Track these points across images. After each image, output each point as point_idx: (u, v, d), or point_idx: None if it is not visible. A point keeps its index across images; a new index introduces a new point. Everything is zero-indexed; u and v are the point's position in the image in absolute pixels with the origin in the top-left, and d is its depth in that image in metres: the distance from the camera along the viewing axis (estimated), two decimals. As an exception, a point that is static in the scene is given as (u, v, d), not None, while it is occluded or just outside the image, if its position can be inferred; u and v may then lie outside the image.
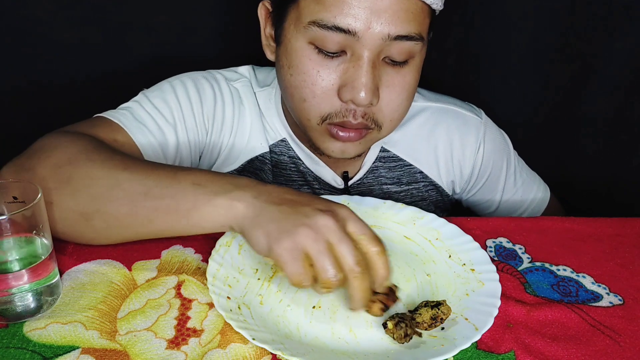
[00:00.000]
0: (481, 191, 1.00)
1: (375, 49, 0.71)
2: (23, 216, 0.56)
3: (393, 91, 0.75)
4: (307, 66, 0.74)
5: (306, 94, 0.75)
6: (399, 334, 0.58)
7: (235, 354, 0.57)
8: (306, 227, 0.56)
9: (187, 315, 0.61)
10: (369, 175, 0.92)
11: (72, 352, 0.55)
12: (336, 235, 0.56)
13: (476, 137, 0.96)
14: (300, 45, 0.74)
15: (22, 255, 0.58)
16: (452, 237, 0.74)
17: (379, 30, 0.70)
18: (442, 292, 0.67)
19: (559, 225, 0.81)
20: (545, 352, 0.59)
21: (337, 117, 0.75)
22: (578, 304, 0.66)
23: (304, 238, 0.55)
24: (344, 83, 0.73)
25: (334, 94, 0.74)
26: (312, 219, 0.56)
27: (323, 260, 0.55)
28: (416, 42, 0.72)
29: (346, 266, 0.56)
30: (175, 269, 0.67)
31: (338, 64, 0.73)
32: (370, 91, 0.72)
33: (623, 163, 1.19)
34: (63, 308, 0.60)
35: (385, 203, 0.80)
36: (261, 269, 0.68)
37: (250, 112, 0.89)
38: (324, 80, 0.73)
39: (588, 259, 0.75)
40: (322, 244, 0.55)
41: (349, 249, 0.56)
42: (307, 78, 0.74)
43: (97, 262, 0.67)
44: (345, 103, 0.74)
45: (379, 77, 0.73)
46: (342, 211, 0.59)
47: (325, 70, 0.73)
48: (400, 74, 0.75)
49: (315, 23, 0.71)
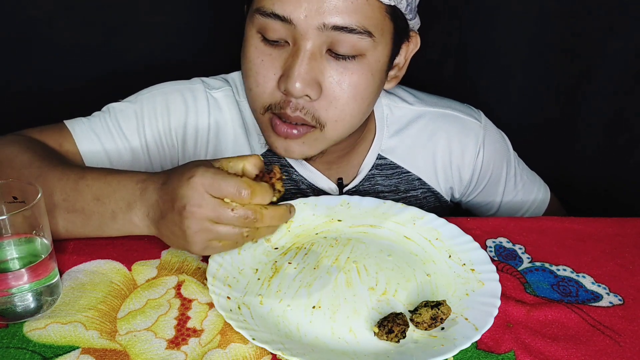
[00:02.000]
0: (481, 195, 1.00)
1: (314, 39, 0.69)
2: (23, 216, 0.56)
3: (337, 88, 0.72)
4: (253, 54, 0.73)
5: (251, 82, 0.75)
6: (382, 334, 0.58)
7: (235, 354, 0.57)
8: (188, 231, 0.59)
9: (187, 315, 0.61)
10: (365, 183, 0.91)
11: (72, 352, 0.55)
12: (209, 214, 0.59)
13: (475, 142, 0.94)
14: (250, 33, 0.74)
15: (22, 255, 0.58)
16: (452, 237, 0.74)
17: (316, 19, 0.68)
18: (442, 292, 0.67)
19: (559, 225, 0.81)
20: (545, 352, 0.59)
21: (276, 107, 0.74)
22: (578, 304, 0.66)
23: (198, 238, 0.60)
24: (284, 73, 0.72)
25: (275, 84, 0.73)
26: (184, 222, 0.59)
27: (225, 235, 0.60)
28: (361, 36, 0.70)
29: (242, 224, 0.60)
30: (175, 269, 0.67)
31: (281, 53, 0.72)
32: (305, 82, 0.70)
33: (622, 163, 1.19)
34: (63, 308, 0.60)
35: (385, 203, 0.80)
36: (261, 269, 0.68)
37: (232, 121, 0.88)
38: (267, 69, 0.73)
39: (588, 259, 0.75)
40: (210, 229, 0.60)
41: (227, 216, 0.59)
42: (252, 66, 0.74)
43: (97, 262, 0.67)
44: (284, 94, 0.73)
45: (320, 71, 0.71)
46: (194, 188, 0.59)
47: (268, 60, 0.73)
48: (347, 70, 0.72)
49: (259, 10, 0.71)
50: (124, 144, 0.83)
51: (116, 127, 0.83)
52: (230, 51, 1.04)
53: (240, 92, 0.89)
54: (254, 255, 0.70)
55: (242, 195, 0.59)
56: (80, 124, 0.82)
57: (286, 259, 0.70)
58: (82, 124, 0.82)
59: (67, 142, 0.80)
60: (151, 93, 0.86)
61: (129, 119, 0.84)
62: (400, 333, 0.58)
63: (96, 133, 0.82)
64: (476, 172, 0.96)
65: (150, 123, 0.84)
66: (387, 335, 0.58)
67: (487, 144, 0.95)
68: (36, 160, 0.71)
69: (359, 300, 0.64)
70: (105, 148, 0.82)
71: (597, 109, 1.16)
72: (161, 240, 0.70)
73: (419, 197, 0.94)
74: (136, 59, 1.09)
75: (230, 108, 0.88)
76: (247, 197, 0.59)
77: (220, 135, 0.88)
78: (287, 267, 0.69)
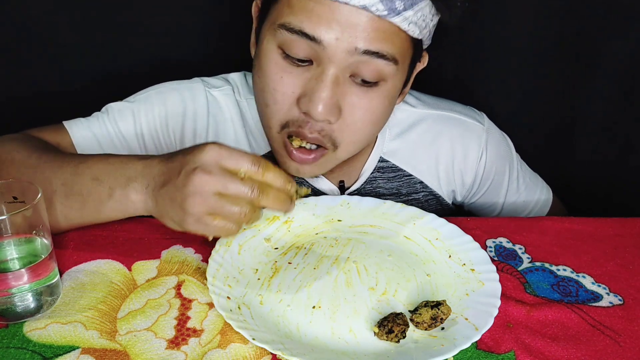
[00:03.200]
0: (484, 197, 1.00)
1: (341, 62, 0.69)
2: (23, 216, 0.56)
3: (356, 112, 0.72)
4: (272, 70, 0.72)
5: (268, 98, 0.74)
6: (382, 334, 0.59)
7: (235, 354, 0.57)
8: (190, 197, 0.58)
9: (187, 315, 0.61)
10: (367, 186, 0.91)
11: (72, 352, 0.55)
12: (216, 184, 0.57)
13: (478, 145, 0.94)
14: (270, 47, 0.72)
15: (22, 255, 0.58)
16: (452, 237, 0.74)
17: (348, 42, 0.67)
18: (442, 292, 0.67)
19: (559, 225, 0.81)
20: (545, 352, 0.59)
21: (293, 125, 0.73)
22: (578, 304, 0.66)
23: (195, 207, 0.58)
24: (304, 93, 0.71)
25: (294, 102, 0.72)
26: (188, 185, 0.58)
27: (221, 210, 0.58)
28: (387, 62, 0.70)
29: (246, 199, 0.58)
30: (175, 269, 0.67)
31: (302, 72, 0.71)
32: (328, 107, 0.70)
33: (622, 163, 1.19)
34: (63, 308, 0.60)
35: (385, 203, 0.80)
36: (261, 269, 0.68)
37: (232, 120, 0.88)
38: (285, 86, 0.71)
39: (588, 259, 0.75)
40: (211, 199, 0.58)
41: (234, 186, 0.58)
42: (270, 82, 0.72)
43: (97, 262, 0.67)
44: (303, 114, 0.72)
45: (341, 95, 0.71)
46: (208, 156, 0.58)
47: (288, 77, 0.71)
48: (367, 95, 0.72)
49: (284, 26, 0.69)
50: (122, 143, 0.84)
51: (114, 127, 0.83)
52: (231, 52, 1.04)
53: (240, 92, 0.89)
54: (254, 255, 0.70)
55: (256, 169, 0.59)
56: (78, 124, 0.82)
57: (286, 259, 0.70)
58: (80, 124, 0.82)
59: (64, 142, 0.81)
60: (149, 93, 0.86)
61: (126, 119, 0.84)
62: (400, 333, 0.58)
63: (94, 133, 0.82)
64: (479, 175, 0.96)
65: (148, 123, 0.85)
66: (387, 335, 0.58)
67: (490, 147, 0.95)
68: (35, 152, 0.71)
69: (359, 300, 0.64)
70: (103, 148, 0.82)
71: (597, 109, 1.16)
72: (162, 240, 0.70)
73: (421, 200, 0.94)
74: (136, 59, 1.09)
75: (230, 107, 0.88)
76: (260, 171, 0.59)
77: (220, 134, 0.88)
78: (287, 267, 0.69)
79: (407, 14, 0.68)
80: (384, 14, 0.67)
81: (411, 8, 0.68)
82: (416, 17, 0.69)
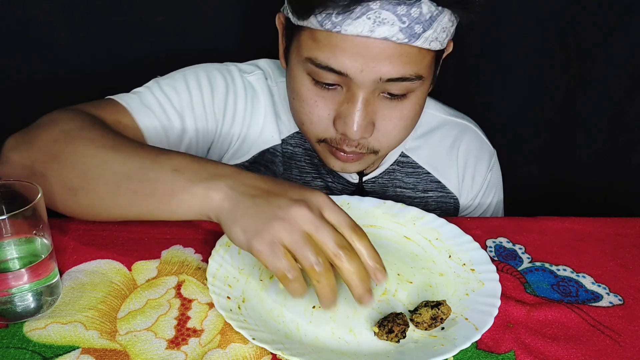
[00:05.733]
0: None
1: (369, 87, 0.72)
2: (23, 216, 0.56)
3: (389, 123, 0.76)
4: (305, 95, 0.76)
5: (304, 119, 0.78)
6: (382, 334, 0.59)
7: (235, 354, 0.57)
8: (280, 220, 0.55)
9: (187, 315, 0.61)
10: (385, 176, 0.93)
11: (72, 352, 0.55)
12: (312, 223, 0.55)
13: (488, 164, 0.98)
14: (299, 74, 0.75)
15: (22, 255, 0.58)
16: (452, 237, 0.74)
17: (372, 73, 0.70)
18: (442, 292, 0.67)
19: (559, 225, 0.81)
20: (545, 352, 0.59)
21: (332, 142, 0.78)
22: (578, 304, 0.67)
23: (280, 231, 0.54)
24: (338, 115, 0.75)
25: (330, 122, 0.76)
26: (286, 210, 0.55)
27: (301, 249, 0.54)
28: (413, 81, 0.72)
29: (328, 251, 0.55)
30: (175, 269, 0.67)
31: (334, 95, 0.74)
32: (362, 127, 0.73)
33: (622, 163, 1.19)
34: (63, 308, 0.60)
35: (385, 203, 0.80)
36: (261, 269, 0.68)
37: (265, 105, 0.89)
38: (321, 110, 0.76)
39: (588, 259, 0.75)
40: (298, 234, 0.54)
41: (327, 234, 0.55)
42: (305, 106, 0.76)
43: (97, 262, 0.67)
44: (341, 134, 0.76)
45: (374, 112, 0.74)
46: (317, 199, 0.57)
47: (322, 101, 0.75)
48: (397, 107, 0.75)
49: (311, 60, 0.72)
50: (173, 115, 0.81)
51: (165, 99, 0.81)
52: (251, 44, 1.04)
53: (272, 77, 0.91)
54: (254, 255, 0.70)
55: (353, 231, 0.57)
56: (132, 98, 0.79)
57: (286, 259, 0.70)
58: (134, 99, 0.80)
59: (125, 118, 0.77)
60: (193, 69, 0.86)
61: (176, 91, 0.83)
62: (400, 333, 0.58)
63: (149, 106, 0.80)
64: (480, 194, 0.98)
65: (197, 94, 0.84)
66: (387, 335, 0.58)
67: (494, 173, 0.99)
68: (108, 132, 0.68)
69: (359, 300, 0.64)
70: (161, 121, 0.80)
71: (597, 109, 1.16)
72: (162, 240, 0.70)
73: (438, 199, 0.95)
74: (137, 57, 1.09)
75: (264, 91, 0.90)
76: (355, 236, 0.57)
77: (254, 116, 0.89)
78: (287, 267, 0.69)
79: (427, 34, 0.69)
80: (404, 41, 0.68)
81: (430, 27, 0.69)
82: (436, 34, 0.70)
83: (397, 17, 0.67)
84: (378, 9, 0.66)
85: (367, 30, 0.67)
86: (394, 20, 0.67)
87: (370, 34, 0.67)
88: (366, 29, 0.67)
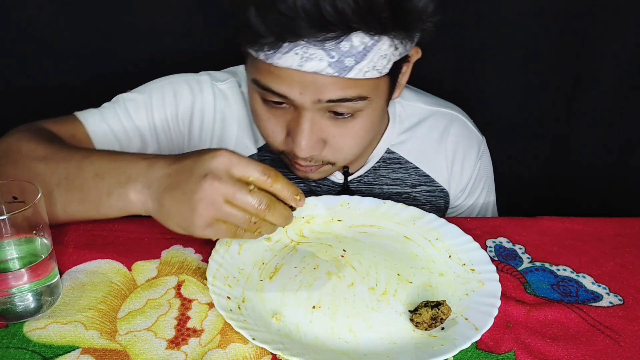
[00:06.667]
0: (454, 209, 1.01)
1: (312, 108, 0.71)
2: (23, 216, 0.56)
3: (340, 140, 0.75)
4: (259, 111, 0.77)
5: (262, 132, 0.80)
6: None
7: (235, 354, 0.57)
8: (200, 202, 0.58)
9: (187, 315, 0.61)
10: (370, 174, 0.92)
11: (72, 352, 0.55)
12: (225, 192, 0.58)
13: (476, 154, 0.97)
14: (252, 92, 0.76)
15: (22, 255, 0.58)
16: (452, 237, 0.74)
17: (311, 95, 0.69)
18: (442, 292, 0.67)
19: (559, 225, 0.81)
20: (545, 352, 0.59)
21: (289, 155, 0.79)
22: (578, 304, 0.66)
23: (206, 212, 0.58)
24: (288, 133, 0.76)
25: (284, 138, 0.77)
26: (199, 191, 0.58)
27: (232, 219, 0.59)
28: (356, 102, 0.71)
29: (252, 211, 0.59)
30: (175, 269, 0.67)
31: (283, 113, 0.75)
32: (309, 146, 0.74)
33: (622, 164, 1.19)
34: (63, 308, 0.60)
35: (385, 203, 0.80)
36: (261, 269, 0.68)
37: (238, 114, 0.89)
38: (273, 125, 0.76)
39: (588, 259, 0.75)
40: (222, 205, 0.58)
41: (243, 197, 0.58)
42: (259, 121, 0.78)
43: (97, 262, 0.67)
44: None
45: (322, 130, 0.74)
46: (220, 163, 0.58)
47: (273, 118, 0.76)
48: (347, 126, 0.74)
49: (254, 81, 0.73)
50: (134, 132, 0.84)
51: (126, 116, 0.84)
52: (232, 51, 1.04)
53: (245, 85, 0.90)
54: (254, 255, 0.70)
55: (265, 179, 0.59)
56: (92, 114, 0.83)
57: (286, 259, 0.70)
58: (94, 115, 0.83)
59: (79, 133, 0.81)
60: (160, 83, 0.88)
61: (138, 108, 0.85)
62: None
63: (107, 122, 0.83)
64: (469, 184, 0.98)
65: (159, 111, 0.86)
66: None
67: (483, 162, 0.98)
68: (42, 144, 0.71)
69: (359, 300, 0.64)
70: (117, 136, 0.83)
71: (597, 110, 1.16)
72: (162, 240, 0.70)
73: (426, 193, 0.95)
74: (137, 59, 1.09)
75: (236, 99, 0.90)
76: (269, 182, 0.59)
77: (225, 125, 0.89)
78: (287, 267, 0.69)
79: (361, 65, 0.67)
80: (335, 75, 0.67)
81: (364, 58, 0.67)
82: (373, 63, 0.68)
83: (325, 52, 0.65)
84: (305, 44, 0.65)
85: (296, 64, 0.66)
86: (322, 56, 0.65)
87: (299, 68, 0.66)
88: (295, 64, 0.66)
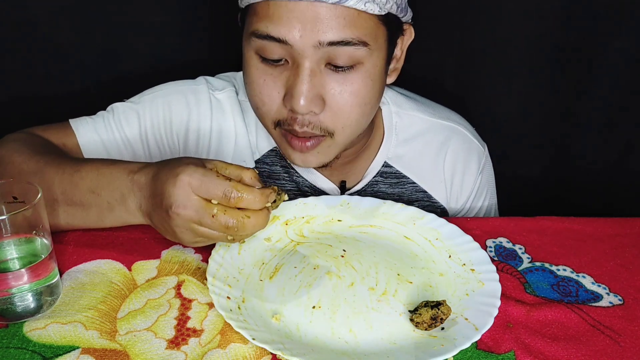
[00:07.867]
0: None
1: (312, 56, 0.70)
2: (23, 216, 0.56)
3: (340, 98, 0.73)
4: (255, 75, 0.75)
5: (257, 102, 0.76)
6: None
7: (235, 354, 0.57)
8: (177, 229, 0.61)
9: (187, 315, 0.61)
10: (368, 189, 0.91)
11: (72, 352, 0.55)
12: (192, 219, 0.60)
13: (477, 167, 0.95)
14: (249, 55, 0.75)
15: (22, 255, 0.58)
16: (452, 237, 0.74)
17: (311, 38, 0.69)
18: (442, 292, 0.67)
19: (559, 225, 0.81)
20: (545, 352, 0.59)
21: (285, 124, 0.76)
22: (578, 304, 0.66)
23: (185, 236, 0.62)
24: (286, 92, 0.73)
25: (281, 102, 0.74)
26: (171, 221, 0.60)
27: (210, 236, 0.62)
28: (356, 47, 0.71)
29: (222, 231, 0.60)
30: (175, 269, 0.68)
31: (281, 71, 0.73)
32: (309, 99, 0.71)
33: (622, 164, 1.19)
34: (63, 308, 0.60)
35: (385, 203, 0.80)
36: (261, 269, 0.68)
37: (235, 124, 0.88)
38: (270, 88, 0.74)
39: (588, 259, 0.75)
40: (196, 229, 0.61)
41: (209, 223, 0.60)
42: (255, 87, 0.75)
43: (97, 262, 0.67)
44: (290, 111, 0.74)
45: (321, 85, 0.72)
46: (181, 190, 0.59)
47: (270, 79, 0.74)
48: (347, 80, 0.73)
49: (254, 33, 0.72)
50: (125, 144, 0.84)
51: (119, 128, 0.84)
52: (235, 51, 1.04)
53: (243, 93, 0.89)
54: (254, 255, 0.70)
55: (229, 199, 0.59)
56: (84, 124, 0.84)
57: (286, 259, 0.70)
58: (86, 124, 0.84)
59: (70, 142, 0.82)
60: (154, 94, 0.87)
61: (131, 120, 0.85)
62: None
63: (99, 133, 0.83)
64: (471, 197, 0.96)
65: (153, 126, 0.85)
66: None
67: (484, 174, 0.97)
68: (35, 155, 0.72)
69: (359, 300, 0.64)
70: (107, 147, 0.83)
71: (597, 110, 1.16)
72: (162, 240, 0.70)
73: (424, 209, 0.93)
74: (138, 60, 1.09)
75: (234, 109, 0.88)
76: (234, 201, 0.59)
77: (223, 138, 0.88)
78: (287, 267, 0.69)
79: None
80: (335, 2, 0.68)
81: None
82: None
83: None
84: None
85: None
86: None
87: None
88: None
